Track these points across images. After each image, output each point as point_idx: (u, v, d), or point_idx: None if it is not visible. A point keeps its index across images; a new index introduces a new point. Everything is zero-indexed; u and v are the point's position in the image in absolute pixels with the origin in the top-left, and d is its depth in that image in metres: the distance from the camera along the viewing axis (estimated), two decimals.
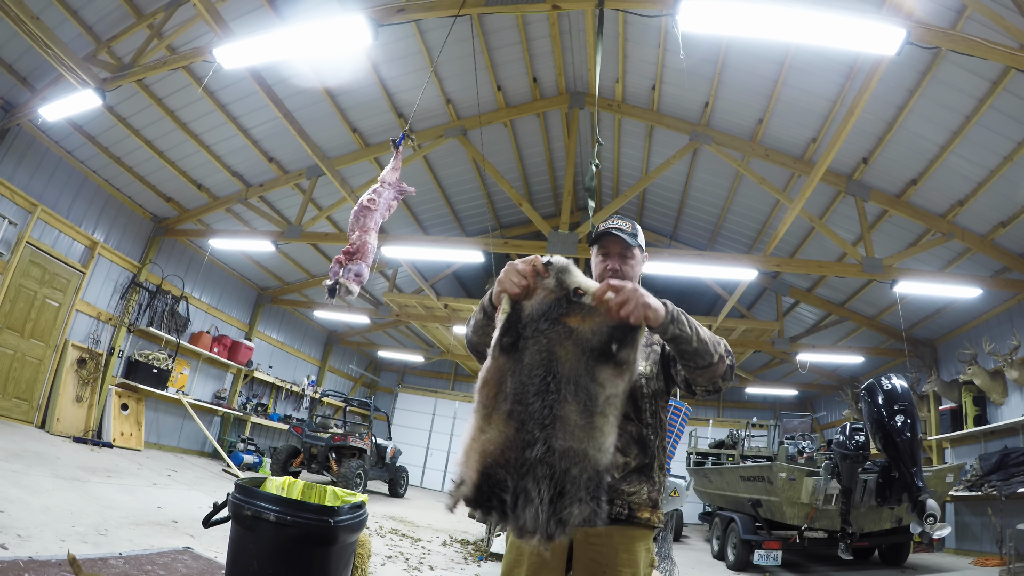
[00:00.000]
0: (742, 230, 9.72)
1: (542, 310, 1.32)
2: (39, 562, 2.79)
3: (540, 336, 1.31)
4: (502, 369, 1.31)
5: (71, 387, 7.88)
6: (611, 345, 1.28)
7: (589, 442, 1.25)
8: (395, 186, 3.69)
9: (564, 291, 1.33)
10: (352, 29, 4.76)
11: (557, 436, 1.24)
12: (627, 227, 1.84)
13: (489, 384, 1.32)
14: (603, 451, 1.26)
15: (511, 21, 6.94)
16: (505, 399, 1.29)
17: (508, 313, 1.35)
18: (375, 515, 7.29)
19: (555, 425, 1.24)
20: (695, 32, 4.55)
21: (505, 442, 1.26)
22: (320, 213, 9.02)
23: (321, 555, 2.34)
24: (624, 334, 1.29)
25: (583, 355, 1.29)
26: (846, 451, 6.18)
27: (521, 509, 1.22)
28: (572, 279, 1.34)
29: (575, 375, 1.27)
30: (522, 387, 1.28)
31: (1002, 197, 6.56)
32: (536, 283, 1.36)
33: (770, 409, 15.14)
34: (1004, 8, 4.58)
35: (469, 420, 1.32)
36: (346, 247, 3.34)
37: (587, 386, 1.27)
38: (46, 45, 5.32)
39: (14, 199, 6.98)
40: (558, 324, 1.31)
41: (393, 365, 17.69)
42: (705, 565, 7.53)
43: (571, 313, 1.32)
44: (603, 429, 1.27)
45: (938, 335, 9.69)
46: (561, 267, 1.36)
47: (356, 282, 3.25)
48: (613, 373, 1.28)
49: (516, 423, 1.26)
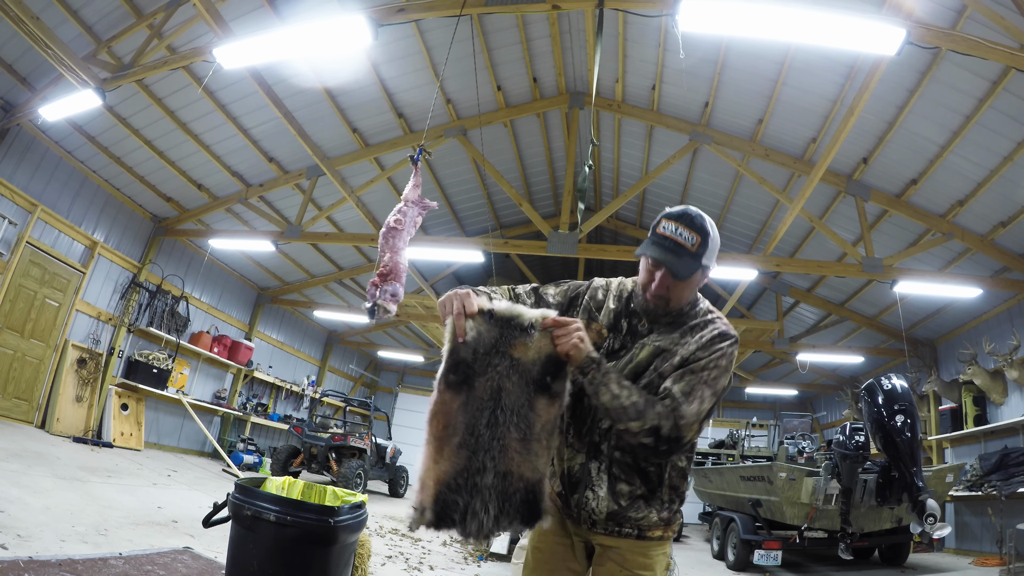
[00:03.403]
0: (742, 230, 9.72)
1: (491, 342, 1.42)
2: (39, 562, 2.79)
3: (490, 371, 1.42)
4: (449, 404, 1.41)
5: (71, 387, 7.87)
6: (546, 377, 1.43)
7: (526, 465, 1.42)
8: (418, 203, 3.71)
9: (514, 327, 1.45)
10: (352, 29, 4.76)
11: (501, 461, 1.40)
12: (692, 240, 1.51)
13: (438, 418, 1.41)
14: (537, 470, 1.43)
15: (511, 21, 6.94)
16: (454, 432, 1.40)
17: (452, 349, 1.42)
18: (375, 515, 7.29)
19: (502, 453, 1.40)
20: (695, 32, 4.55)
21: (456, 471, 1.39)
22: (320, 213, 9.02)
23: (321, 555, 2.34)
24: (557, 368, 1.44)
25: (526, 387, 1.43)
26: (846, 451, 6.18)
27: (469, 522, 1.39)
28: (524, 318, 1.45)
29: (518, 406, 1.42)
30: (472, 420, 1.40)
31: (1002, 197, 6.56)
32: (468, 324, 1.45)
33: (770, 409, 15.14)
34: (1004, 8, 4.58)
35: (423, 450, 1.42)
36: (379, 269, 3.39)
37: (526, 415, 1.42)
38: (46, 45, 5.32)
39: (14, 199, 6.98)
40: (505, 357, 1.43)
41: (393, 365, 17.69)
42: (705, 565, 7.53)
43: (517, 342, 1.43)
44: (538, 452, 1.43)
45: (938, 335, 9.68)
46: (506, 317, 1.45)
47: (393, 302, 3.33)
48: (547, 403, 1.44)
49: (467, 452, 1.39)
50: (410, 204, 3.63)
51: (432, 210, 3.83)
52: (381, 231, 3.48)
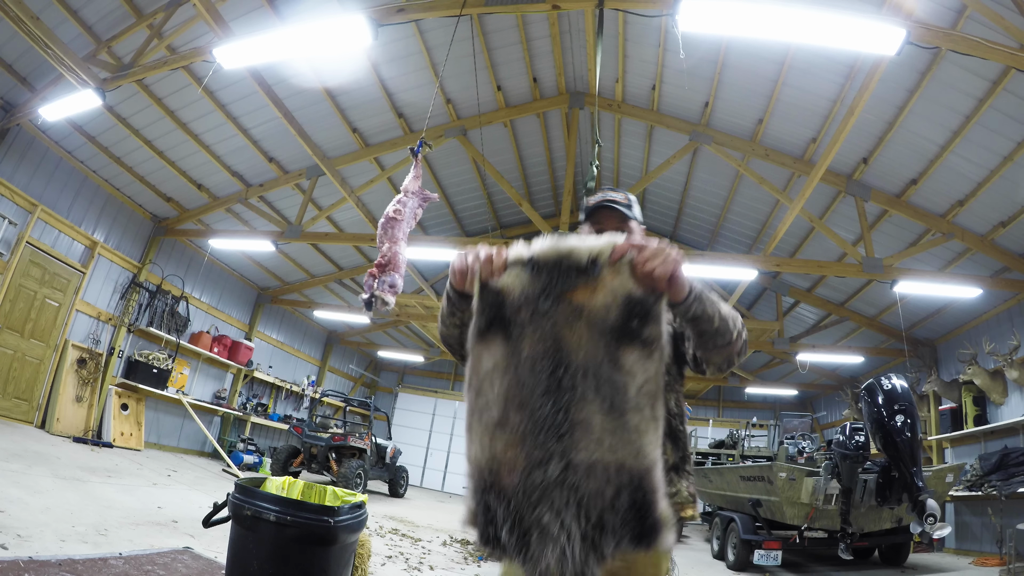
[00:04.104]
0: (742, 230, 9.72)
1: (536, 293, 1.05)
2: (39, 562, 2.79)
3: (541, 319, 1.02)
4: (482, 362, 1.05)
5: (71, 387, 7.87)
6: (631, 322, 1.02)
7: (624, 448, 0.96)
8: (418, 194, 3.71)
9: (568, 270, 1.07)
10: (352, 29, 4.76)
11: (579, 448, 0.96)
12: (622, 198, 1.69)
13: (471, 384, 1.07)
14: (644, 455, 0.98)
15: (511, 21, 6.94)
16: (490, 405, 1.01)
17: (481, 291, 1.10)
18: (375, 515, 7.29)
19: (574, 433, 0.96)
20: (695, 32, 4.56)
21: (495, 462, 0.98)
22: (320, 213, 9.02)
23: (321, 555, 2.34)
24: (645, 307, 1.03)
25: (601, 339, 1.01)
26: (846, 451, 6.18)
27: (538, 548, 0.94)
28: (580, 254, 1.06)
29: (593, 365, 0.99)
30: (522, 387, 0.99)
31: (1002, 197, 6.56)
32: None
33: (770, 409, 15.14)
34: (1004, 8, 4.58)
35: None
36: (378, 260, 3.36)
37: (611, 377, 0.99)
38: (46, 45, 5.32)
39: (14, 199, 6.98)
40: (562, 302, 1.03)
41: (393, 365, 17.69)
42: (705, 565, 7.53)
43: (577, 286, 1.04)
44: (640, 428, 0.98)
45: (938, 335, 9.69)
46: (553, 260, 1.08)
47: (391, 293, 3.29)
48: (641, 356, 1.01)
49: (514, 436, 0.98)
50: (410, 195, 3.63)
51: (432, 204, 3.83)
52: (380, 221, 3.47)
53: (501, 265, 1.12)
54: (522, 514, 0.96)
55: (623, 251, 1.06)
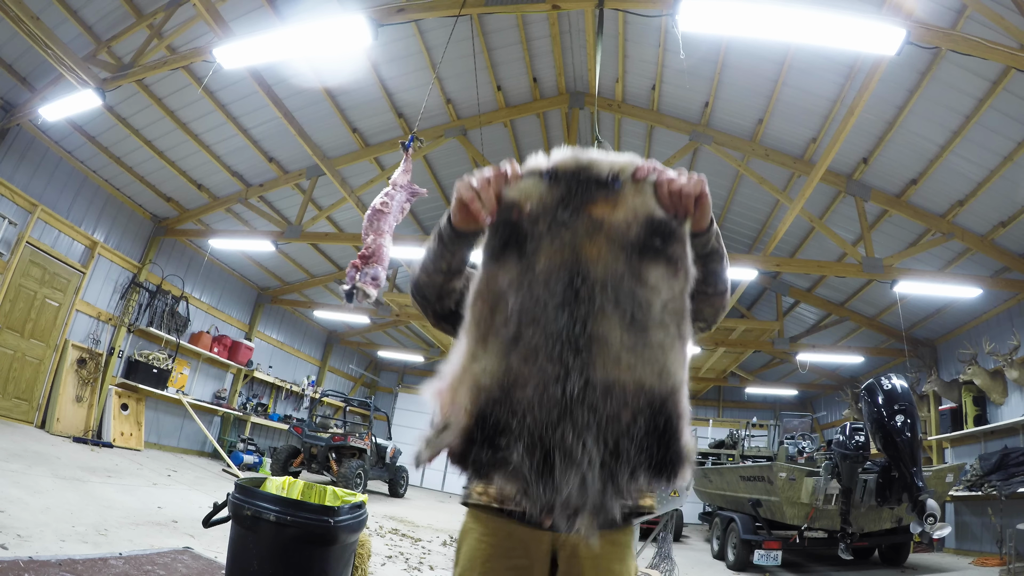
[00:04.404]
0: (742, 230, 9.72)
1: (554, 204, 0.97)
2: (39, 562, 2.79)
3: (560, 230, 0.94)
4: (496, 279, 0.97)
5: (71, 387, 7.88)
6: (654, 240, 0.95)
7: (645, 367, 0.89)
8: (407, 188, 3.69)
9: (588, 181, 0.99)
10: (352, 29, 4.76)
11: (595, 365, 0.88)
12: None
13: (482, 298, 0.97)
14: (668, 375, 0.90)
15: (511, 21, 6.94)
16: (507, 321, 0.93)
17: (495, 220, 1.01)
18: (375, 515, 7.29)
19: (591, 349, 0.88)
20: (695, 32, 4.55)
21: (509, 376, 0.90)
22: (320, 213, 9.02)
23: (321, 555, 2.34)
24: (668, 228, 0.97)
25: (621, 252, 0.94)
26: (846, 451, 6.18)
27: (561, 473, 0.85)
28: (602, 166, 0.99)
29: (614, 279, 0.92)
30: (535, 302, 0.92)
31: (1002, 197, 6.56)
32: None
33: (770, 409, 15.13)
34: (1004, 8, 4.58)
35: (458, 343, 0.98)
36: (361, 251, 3.33)
37: (633, 291, 0.92)
38: (46, 45, 5.32)
39: (14, 199, 6.98)
40: (581, 215, 0.96)
41: (393, 365, 17.69)
42: (705, 565, 7.53)
43: (597, 200, 0.97)
44: (664, 345, 0.91)
45: (938, 335, 9.69)
46: (573, 170, 0.99)
47: (373, 286, 3.24)
48: (666, 273, 0.95)
49: (527, 351, 0.90)
50: (398, 188, 3.61)
51: (434, 204, 3.82)
52: (367, 213, 3.45)
53: (516, 175, 1.02)
54: (542, 432, 0.86)
55: (647, 172, 0.99)
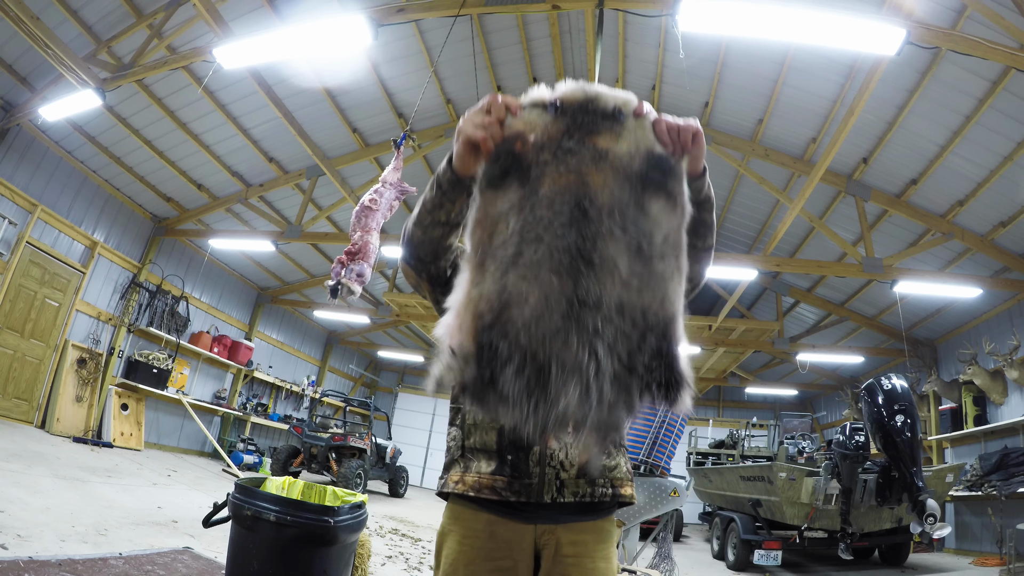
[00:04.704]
0: (742, 230, 9.72)
1: (565, 126, 0.97)
2: (39, 562, 2.79)
3: (565, 156, 0.93)
4: (494, 205, 0.93)
5: (71, 387, 7.87)
6: (654, 173, 0.96)
7: (650, 293, 0.88)
8: (397, 186, 3.69)
9: (593, 113, 0.99)
10: (352, 29, 4.76)
11: (604, 284, 0.85)
12: None
13: (482, 225, 0.93)
14: (669, 302, 0.89)
15: (511, 21, 6.94)
16: (505, 243, 0.89)
17: (494, 151, 0.97)
18: (375, 515, 7.29)
19: (603, 267, 0.86)
20: (695, 32, 4.55)
21: (506, 295, 0.86)
22: (320, 213, 9.02)
23: (321, 555, 2.34)
24: (667, 163, 0.98)
25: (626, 182, 0.93)
26: (846, 451, 6.18)
27: (558, 384, 0.81)
28: (607, 99, 1.00)
29: (620, 205, 0.90)
30: (539, 222, 0.89)
31: (1002, 197, 6.57)
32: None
33: (770, 409, 15.14)
34: (1004, 8, 4.58)
35: (460, 275, 0.94)
36: (348, 247, 3.33)
37: (637, 220, 0.91)
38: (46, 45, 5.32)
39: (14, 199, 6.98)
40: (586, 144, 0.95)
41: (393, 365, 17.69)
42: (705, 565, 7.53)
43: (602, 131, 0.97)
44: (665, 275, 0.90)
45: (938, 335, 9.69)
46: (579, 102, 1.00)
47: (358, 282, 3.24)
48: (666, 207, 0.94)
49: (527, 268, 0.86)
50: (388, 186, 3.61)
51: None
52: (355, 210, 3.46)
53: (520, 106, 0.99)
54: (535, 349, 0.83)
55: (645, 109, 1.02)
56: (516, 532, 1.22)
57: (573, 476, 1.22)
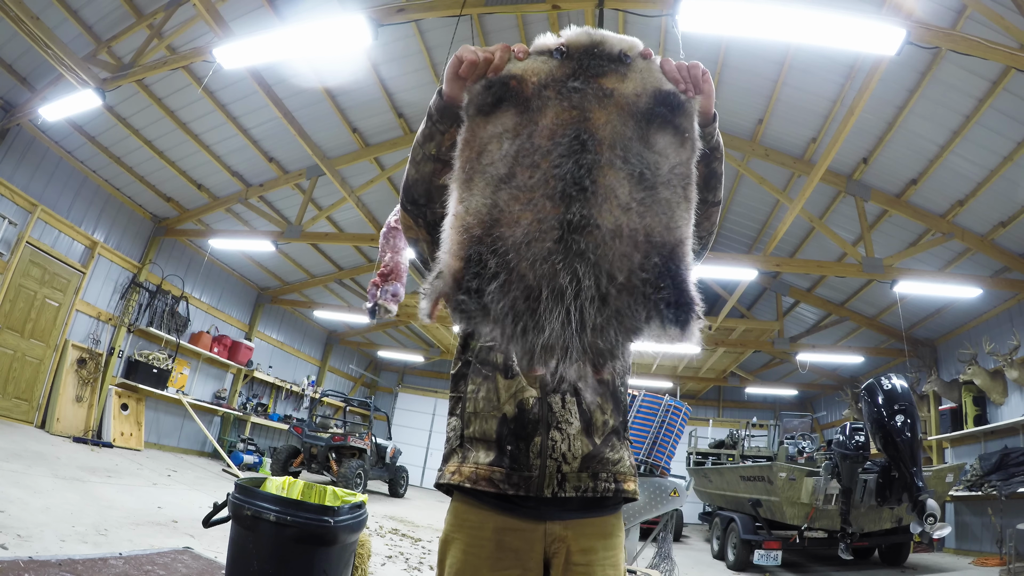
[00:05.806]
0: (742, 230, 9.72)
1: (570, 69, 0.95)
2: (39, 562, 2.79)
3: (569, 94, 0.92)
4: (487, 129, 0.91)
5: (71, 387, 7.88)
6: (661, 108, 0.94)
7: (653, 218, 0.85)
8: None
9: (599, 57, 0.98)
10: (352, 29, 4.76)
11: (602, 209, 0.83)
12: None
13: (470, 145, 0.91)
14: (675, 227, 0.86)
15: (511, 21, 6.94)
16: (495, 163, 0.88)
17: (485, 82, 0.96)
18: (375, 515, 7.29)
19: (597, 195, 0.83)
20: (695, 32, 4.55)
21: (495, 210, 0.84)
22: (320, 213, 9.02)
23: (321, 555, 2.34)
24: (676, 100, 0.96)
25: (631, 118, 0.91)
26: (846, 451, 6.18)
27: (546, 312, 0.77)
28: (612, 43, 0.99)
29: (622, 140, 0.89)
30: (535, 150, 0.87)
31: (1002, 197, 6.57)
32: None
33: (770, 409, 15.14)
34: (1004, 8, 4.58)
35: (450, 197, 0.91)
36: (380, 270, 3.38)
37: (641, 153, 0.89)
38: (46, 45, 5.32)
39: (14, 199, 6.98)
40: (592, 84, 0.93)
41: (393, 365, 17.69)
42: (705, 565, 7.54)
43: (608, 73, 0.95)
44: (671, 202, 0.87)
45: (938, 335, 9.69)
46: (585, 46, 0.98)
47: (393, 302, 3.32)
48: (674, 141, 0.92)
49: (520, 191, 0.84)
50: None
51: None
52: (382, 231, 3.48)
53: (524, 52, 0.97)
54: (524, 272, 0.79)
55: (648, 55, 0.99)
56: (525, 541, 1.18)
57: (575, 469, 1.17)
